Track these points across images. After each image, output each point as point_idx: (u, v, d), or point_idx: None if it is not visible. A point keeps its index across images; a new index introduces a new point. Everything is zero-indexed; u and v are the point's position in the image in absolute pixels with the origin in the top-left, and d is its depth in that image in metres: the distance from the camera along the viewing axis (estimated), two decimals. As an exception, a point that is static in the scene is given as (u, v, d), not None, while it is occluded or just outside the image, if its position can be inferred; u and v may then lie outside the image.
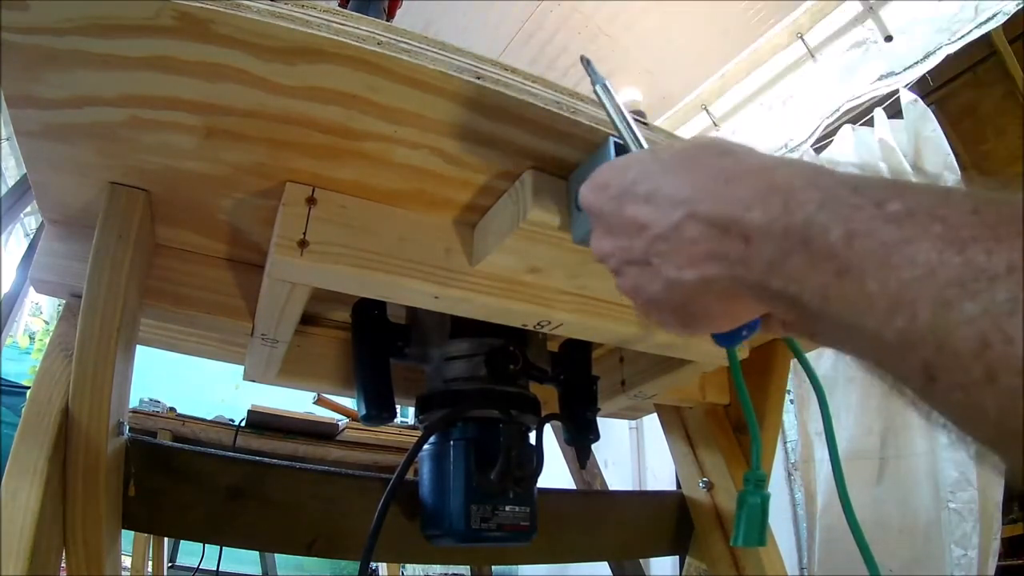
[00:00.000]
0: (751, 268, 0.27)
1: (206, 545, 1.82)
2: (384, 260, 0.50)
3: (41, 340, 2.80)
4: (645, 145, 0.41)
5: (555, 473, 0.93)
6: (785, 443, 1.92)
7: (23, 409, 0.49)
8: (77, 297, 0.51)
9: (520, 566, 2.59)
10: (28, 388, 0.78)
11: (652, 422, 0.97)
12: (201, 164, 0.49)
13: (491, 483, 0.59)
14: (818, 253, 0.23)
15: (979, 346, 0.18)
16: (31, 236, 2.43)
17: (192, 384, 2.54)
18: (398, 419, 1.17)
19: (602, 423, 0.72)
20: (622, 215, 0.33)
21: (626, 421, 2.45)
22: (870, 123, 1.89)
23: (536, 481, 0.63)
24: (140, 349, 0.59)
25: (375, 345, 0.64)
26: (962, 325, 0.18)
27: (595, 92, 0.43)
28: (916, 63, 1.93)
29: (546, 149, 0.47)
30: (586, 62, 0.45)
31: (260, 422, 1.65)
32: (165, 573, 1.86)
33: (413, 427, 1.83)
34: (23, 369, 2.45)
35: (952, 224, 0.20)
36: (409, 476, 0.63)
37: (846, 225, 0.23)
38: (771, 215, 0.25)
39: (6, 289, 1.37)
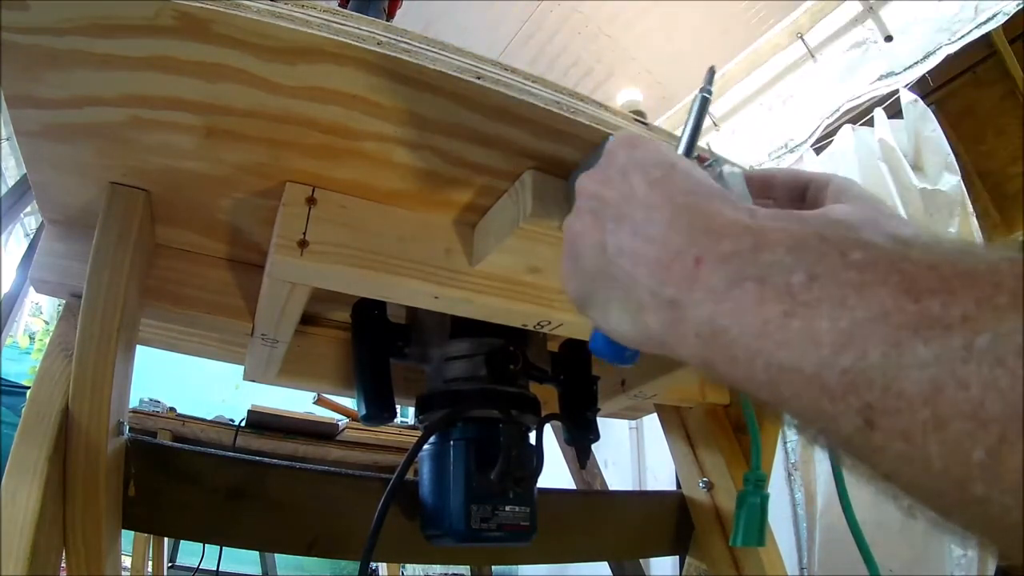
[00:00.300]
0: (686, 307, 0.26)
1: (206, 545, 1.82)
2: (384, 260, 0.50)
3: (41, 340, 2.80)
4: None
5: (555, 473, 0.93)
6: (785, 443, 1.92)
7: (23, 409, 0.49)
8: (77, 297, 0.51)
9: (520, 566, 2.59)
10: (28, 388, 0.78)
11: (652, 422, 0.97)
12: (201, 164, 0.49)
13: (491, 483, 0.59)
14: (770, 291, 0.23)
15: (930, 390, 0.17)
16: (31, 236, 2.43)
17: (192, 384, 2.54)
18: (398, 419, 1.17)
19: (602, 423, 0.72)
20: (624, 178, 0.33)
21: (626, 421, 2.45)
22: (870, 123, 1.89)
23: (536, 481, 0.63)
24: (140, 349, 0.59)
25: (375, 345, 0.64)
26: (913, 368, 0.18)
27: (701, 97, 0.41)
28: (916, 63, 1.94)
29: (546, 149, 0.47)
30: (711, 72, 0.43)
31: (260, 422, 1.65)
32: (165, 573, 1.86)
33: (413, 427, 1.83)
34: (23, 369, 2.45)
35: (910, 276, 0.20)
36: (409, 476, 0.63)
37: (809, 269, 0.22)
38: (740, 244, 0.25)
39: (6, 289, 1.37)
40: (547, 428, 0.67)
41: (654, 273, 0.28)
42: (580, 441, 0.71)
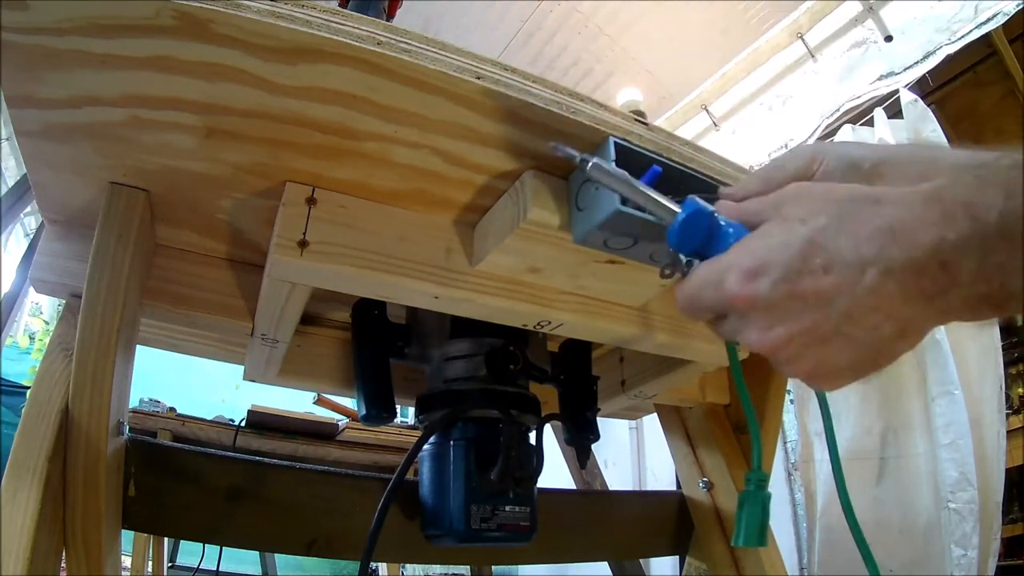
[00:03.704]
0: (953, 291, 0.27)
1: (206, 545, 1.82)
2: (384, 260, 0.50)
3: (41, 340, 2.80)
4: (676, 208, 0.38)
5: (555, 473, 0.93)
6: (785, 443, 1.92)
7: (23, 409, 0.49)
8: (77, 297, 0.51)
9: (520, 566, 2.59)
10: (28, 388, 0.78)
11: (652, 422, 0.97)
12: (201, 164, 0.49)
13: (491, 483, 0.59)
14: (1018, 234, 0.25)
15: None
16: (31, 236, 2.43)
17: (192, 384, 2.54)
18: (398, 419, 1.17)
19: (602, 423, 0.72)
20: (800, 294, 0.30)
21: (626, 421, 2.45)
22: (870, 123, 1.88)
23: (536, 481, 0.63)
24: (140, 349, 0.59)
25: (375, 345, 0.64)
26: None
27: (591, 168, 0.41)
28: (916, 63, 1.93)
29: (546, 149, 0.47)
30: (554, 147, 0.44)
31: (260, 422, 1.65)
32: (165, 573, 1.86)
33: (413, 427, 1.83)
34: (23, 369, 2.45)
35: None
36: (409, 476, 0.63)
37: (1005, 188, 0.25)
38: (963, 231, 0.26)
39: (6, 289, 1.37)
40: (547, 428, 0.67)
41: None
42: (580, 441, 0.71)
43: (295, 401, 1.70)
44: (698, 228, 0.37)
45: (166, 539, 1.84)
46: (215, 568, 1.73)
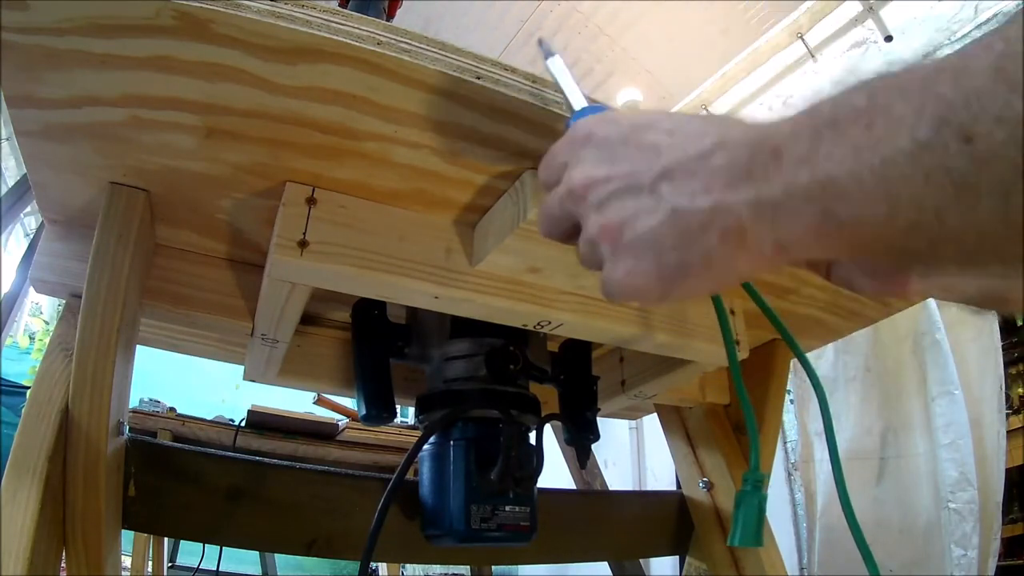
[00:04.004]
0: (776, 178, 0.26)
1: (206, 545, 1.82)
2: (384, 260, 0.50)
3: (41, 340, 2.80)
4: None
5: (555, 473, 0.93)
6: (785, 443, 1.92)
7: (23, 409, 0.49)
8: (77, 297, 0.51)
9: (520, 566, 2.59)
10: (28, 388, 0.78)
11: (652, 422, 0.97)
12: (201, 164, 0.49)
13: (491, 483, 0.59)
14: (846, 121, 0.24)
15: (1000, 80, 0.20)
16: (31, 236, 2.43)
17: (192, 384, 2.54)
18: (398, 419, 1.17)
19: (602, 423, 0.72)
20: (635, 141, 0.32)
21: (626, 421, 2.45)
22: (870, 123, 1.88)
23: (536, 481, 0.63)
24: (140, 349, 0.59)
25: (375, 345, 0.64)
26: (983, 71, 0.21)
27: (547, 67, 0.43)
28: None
29: (546, 149, 0.47)
30: (540, 41, 0.46)
31: (260, 422, 1.65)
32: (165, 573, 1.86)
33: (413, 427, 1.83)
34: (23, 369, 2.45)
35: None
36: (409, 476, 0.63)
37: (869, 88, 0.25)
38: (798, 121, 0.26)
39: (6, 289, 1.37)
40: (547, 428, 0.67)
41: (736, 183, 0.27)
42: (580, 441, 0.71)
43: (295, 401, 1.70)
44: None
45: (166, 539, 1.84)
46: (215, 568, 1.74)
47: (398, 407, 0.66)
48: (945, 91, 0.22)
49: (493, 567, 1.87)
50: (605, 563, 1.24)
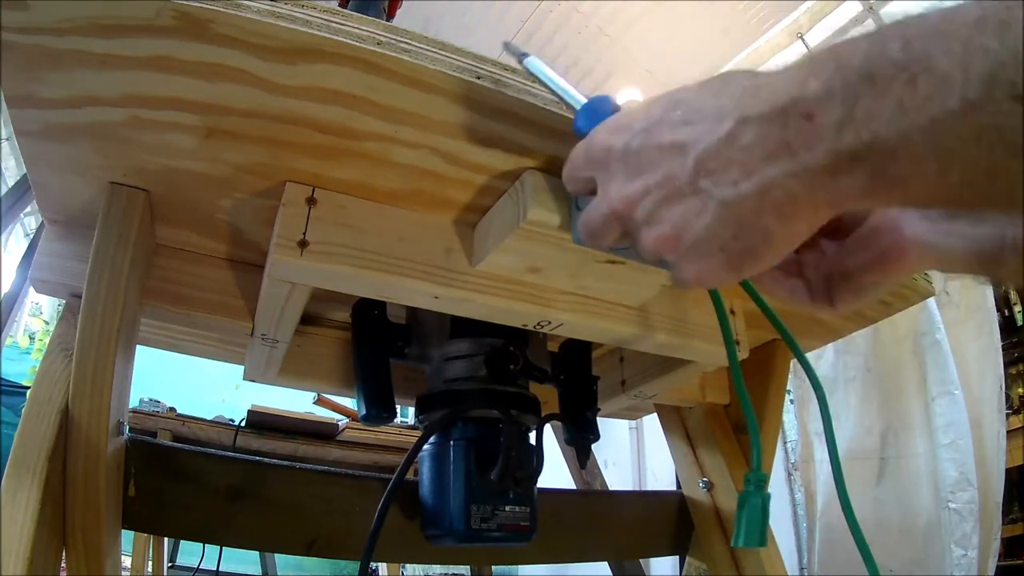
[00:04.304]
0: (818, 144, 0.25)
1: (206, 545, 1.82)
2: (384, 260, 0.50)
3: (41, 340, 2.80)
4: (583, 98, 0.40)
5: (555, 473, 0.93)
6: (785, 443, 1.92)
7: (23, 409, 0.49)
8: (77, 297, 0.51)
9: (520, 566, 2.59)
10: (28, 388, 0.78)
11: (652, 422, 0.97)
12: (201, 164, 0.49)
13: (491, 483, 0.59)
14: (884, 77, 0.23)
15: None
16: (31, 236, 2.43)
17: (192, 384, 2.54)
18: (398, 419, 1.17)
19: (602, 423, 0.72)
20: (656, 144, 0.31)
21: (626, 421, 2.45)
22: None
23: (536, 481, 0.63)
24: (140, 349, 0.59)
25: (375, 345, 0.64)
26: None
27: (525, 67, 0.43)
28: (916, 63, 1.93)
29: (546, 149, 0.47)
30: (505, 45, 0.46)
31: (260, 422, 1.65)
32: (165, 573, 1.86)
33: (413, 427, 1.83)
34: (23, 369, 2.45)
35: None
36: (409, 476, 0.63)
37: (902, 38, 0.23)
38: (827, 77, 0.25)
39: (6, 289, 1.37)
40: (547, 428, 0.67)
41: (777, 154, 0.27)
42: (580, 441, 0.71)
43: (295, 401, 1.70)
44: (603, 113, 0.38)
45: (166, 539, 1.84)
46: (215, 568, 1.74)
47: (398, 407, 0.66)
48: (993, 45, 0.21)
49: (493, 567, 1.87)
50: (605, 563, 1.24)
